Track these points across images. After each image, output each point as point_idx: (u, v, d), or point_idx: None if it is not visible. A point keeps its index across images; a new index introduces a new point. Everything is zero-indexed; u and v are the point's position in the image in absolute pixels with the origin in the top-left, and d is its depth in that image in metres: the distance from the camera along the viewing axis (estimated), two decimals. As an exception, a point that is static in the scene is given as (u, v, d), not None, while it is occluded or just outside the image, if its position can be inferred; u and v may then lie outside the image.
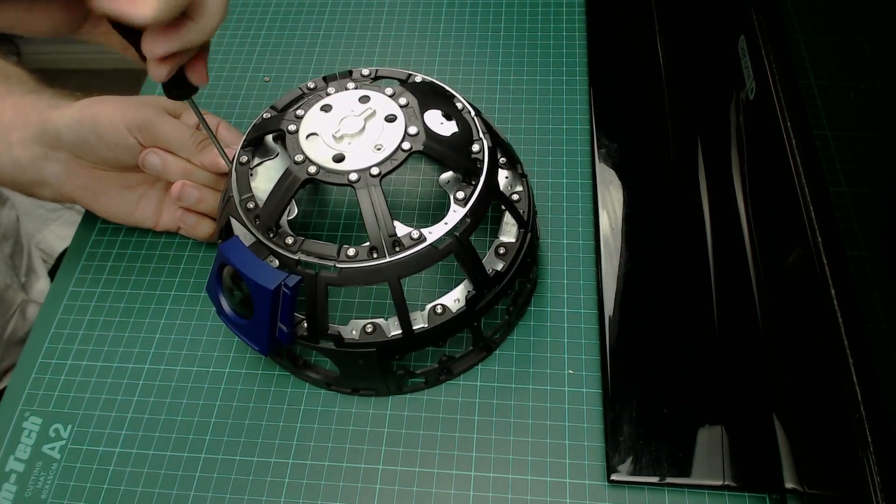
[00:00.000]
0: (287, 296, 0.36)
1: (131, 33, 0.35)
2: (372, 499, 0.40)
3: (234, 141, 0.48)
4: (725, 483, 0.38)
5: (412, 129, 0.38)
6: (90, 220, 0.52)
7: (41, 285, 0.74)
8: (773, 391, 0.40)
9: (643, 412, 0.41)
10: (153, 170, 0.45)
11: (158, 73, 0.36)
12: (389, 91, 0.40)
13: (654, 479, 0.39)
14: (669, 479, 0.39)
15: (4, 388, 0.46)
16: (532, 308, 0.46)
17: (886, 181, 0.31)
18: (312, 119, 0.39)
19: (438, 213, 0.49)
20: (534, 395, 0.43)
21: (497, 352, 0.44)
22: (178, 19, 0.34)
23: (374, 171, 0.37)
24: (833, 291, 0.33)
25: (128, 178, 0.48)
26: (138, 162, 0.45)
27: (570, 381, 0.43)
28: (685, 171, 0.49)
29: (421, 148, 0.38)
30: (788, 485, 0.37)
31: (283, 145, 0.41)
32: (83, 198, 0.48)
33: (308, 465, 0.41)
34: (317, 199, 0.52)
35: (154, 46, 0.35)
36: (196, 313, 0.47)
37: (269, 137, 0.43)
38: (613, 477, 0.39)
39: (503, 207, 0.41)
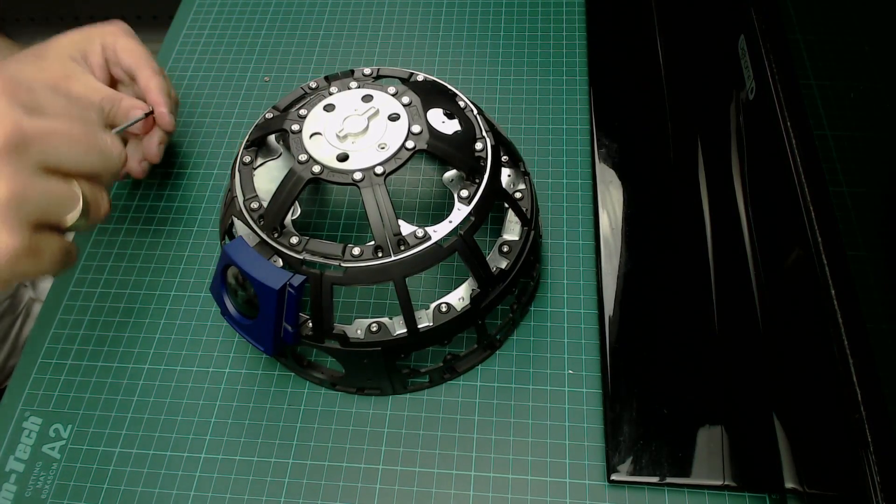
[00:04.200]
0: (292, 295, 0.36)
1: None
2: (372, 499, 0.40)
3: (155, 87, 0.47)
4: (725, 483, 0.38)
5: (416, 128, 0.38)
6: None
7: (45, 284, 0.73)
8: (773, 391, 0.40)
9: (643, 412, 0.41)
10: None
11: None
12: (392, 90, 0.40)
13: (654, 479, 0.39)
14: (669, 479, 0.39)
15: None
16: (532, 308, 0.46)
17: (886, 181, 0.31)
18: (316, 118, 0.39)
19: (439, 213, 0.49)
20: (534, 395, 0.43)
21: (497, 352, 0.44)
22: None
23: (379, 169, 0.37)
24: (833, 291, 0.33)
25: None
26: None
27: (570, 381, 0.43)
28: (685, 171, 0.49)
29: (425, 146, 0.37)
30: (788, 485, 0.37)
31: (286, 145, 0.41)
32: None
33: (308, 465, 0.41)
34: (316, 199, 0.52)
35: None
36: (196, 313, 0.47)
37: (272, 137, 0.43)
38: (613, 477, 0.39)
39: (506, 205, 0.41)
